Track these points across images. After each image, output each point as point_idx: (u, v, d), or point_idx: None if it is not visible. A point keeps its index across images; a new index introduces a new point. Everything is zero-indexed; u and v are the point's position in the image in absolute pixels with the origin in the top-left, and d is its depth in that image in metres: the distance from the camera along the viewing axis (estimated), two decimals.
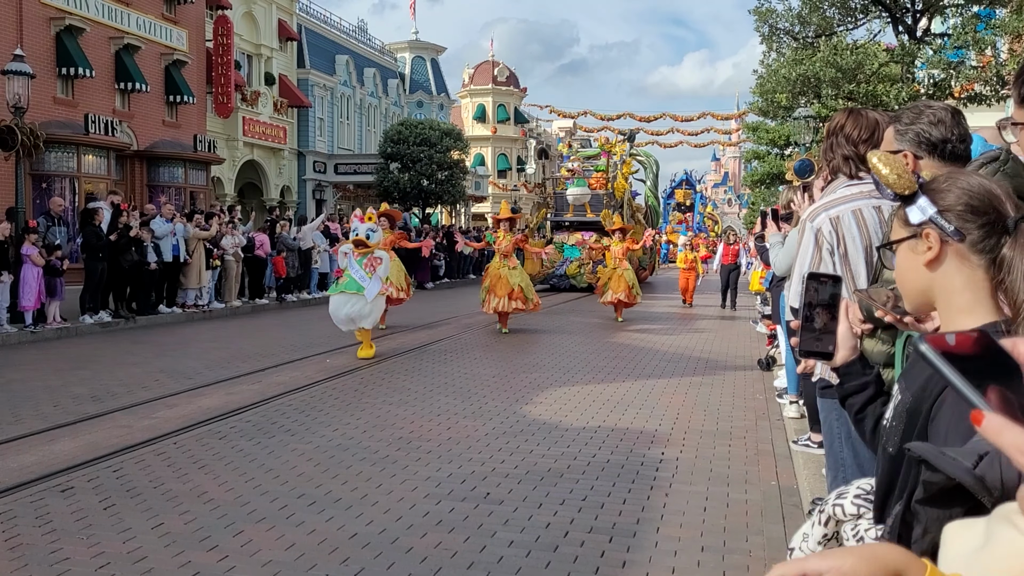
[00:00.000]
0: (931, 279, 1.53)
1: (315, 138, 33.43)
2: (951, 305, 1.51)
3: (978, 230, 1.46)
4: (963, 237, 1.47)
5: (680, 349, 11.96)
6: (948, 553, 0.90)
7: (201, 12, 25.18)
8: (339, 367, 9.91)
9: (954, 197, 1.48)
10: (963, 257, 1.48)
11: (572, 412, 7.53)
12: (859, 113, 3.11)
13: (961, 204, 1.47)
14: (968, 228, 1.47)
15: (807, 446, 6.00)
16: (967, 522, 0.90)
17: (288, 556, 4.09)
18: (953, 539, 0.90)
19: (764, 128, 31.41)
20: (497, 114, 50.15)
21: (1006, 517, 0.83)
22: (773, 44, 23.48)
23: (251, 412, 7.43)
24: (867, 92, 20.63)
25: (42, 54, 18.80)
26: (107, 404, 7.69)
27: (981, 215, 1.46)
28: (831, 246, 3.01)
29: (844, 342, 1.67)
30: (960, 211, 1.47)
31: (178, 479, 5.37)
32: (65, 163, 19.35)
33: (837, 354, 1.67)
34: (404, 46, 44.87)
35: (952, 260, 1.50)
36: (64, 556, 4.06)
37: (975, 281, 1.47)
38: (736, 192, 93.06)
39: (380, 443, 6.32)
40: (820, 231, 3.03)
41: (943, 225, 1.48)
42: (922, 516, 1.23)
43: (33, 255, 12.48)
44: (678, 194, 43.62)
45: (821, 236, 3.02)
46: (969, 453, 1.15)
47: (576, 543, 4.31)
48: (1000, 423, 0.71)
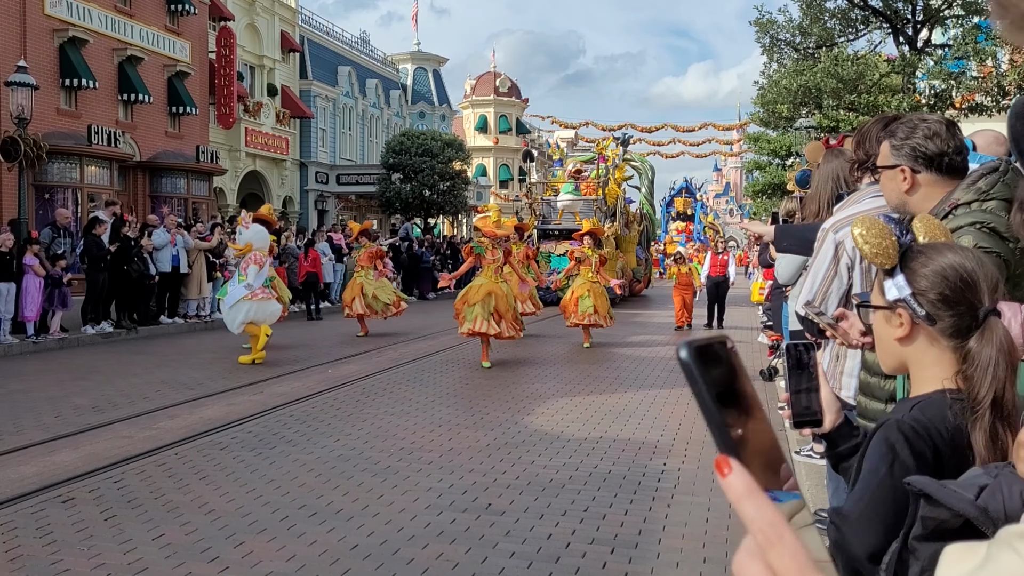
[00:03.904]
0: (903, 350, 1.58)
1: (317, 149, 33.51)
2: (920, 376, 1.56)
3: (950, 318, 1.50)
4: (934, 322, 1.51)
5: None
6: (944, 575, 0.89)
7: (204, 24, 25.28)
8: (340, 378, 9.90)
9: (929, 283, 1.51)
10: (933, 339, 1.53)
11: (573, 423, 7.52)
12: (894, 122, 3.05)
13: (935, 291, 1.50)
14: (940, 315, 1.50)
15: (809, 457, 5.99)
16: (970, 545, 0.89)
17: (289, 567, 4.08)
18: (952, 562, 0.89)
19: (765, 138, 31.45)
20: (499, 125, 50.23)
21: (1007, 541, 0.82)
22: (774, 55, 23.55)
23: (252, 423, 7.42)
24: (868, 103, 20.65)
25: (46, 65, 18.87)
26: (108, 415, 7.68)
27: (954, 305, 1.49)
28: (851, 260, 2.96)
29: (829, 407, 1.63)
30: (934, 298, 1.51)
31: (179, 490, 5.36)
32: (68, 174, 19.38)
33: (824, 419, 1.63)
34: (406, 57, 45.04)
35: (922, 339, 1.55)
36: (65, 567, 4.05)
37: (944, 360, 1.52)
38: (738, 202, 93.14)
39: (381, 454, 6.31)
40: (842, 244, 2.98)
41: (915, 309, 1.52)
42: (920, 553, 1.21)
43: (35, 266, 12.50)
44: (678, 203, 43.49)
45: (842, 249, 2.97)
46: (969, 485, 1.15)
47: (578, 554, 4.30)
48: (743, 487, 0.57)
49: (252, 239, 10.94)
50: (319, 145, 33.76)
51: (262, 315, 10.91)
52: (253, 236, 10.98)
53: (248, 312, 10.70)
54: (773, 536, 0.56)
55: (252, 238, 10.96)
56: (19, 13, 18.70)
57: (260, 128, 28.78)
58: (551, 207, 23.70)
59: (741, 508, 0.57)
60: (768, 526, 0.56)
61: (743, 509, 0.57)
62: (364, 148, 37.90)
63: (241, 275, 10.86)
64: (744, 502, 0.57)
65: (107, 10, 21.23)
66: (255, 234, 11.00)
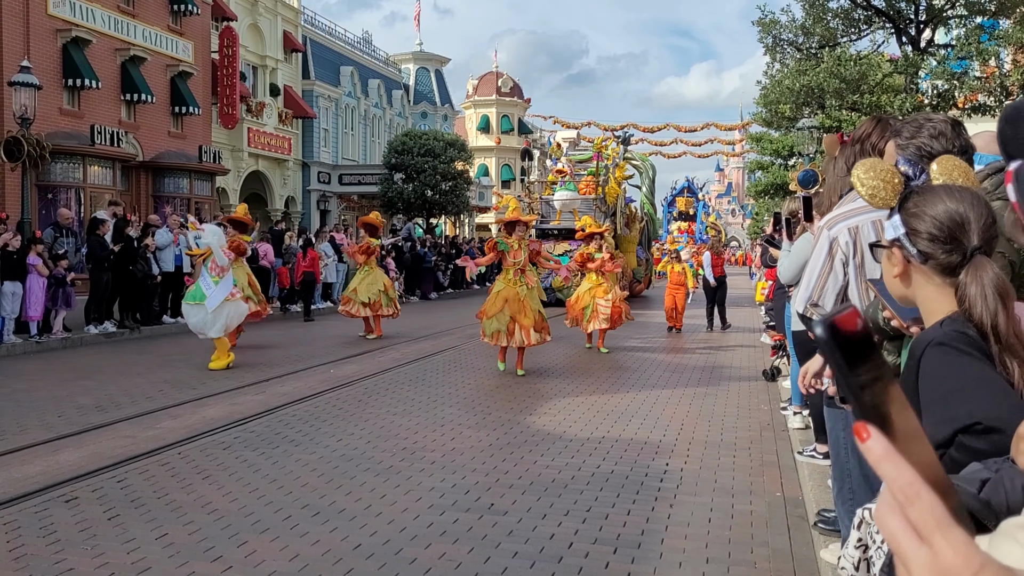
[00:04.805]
0: (905, 287, 1.68)
1: (320, 149, 33.54)
2: (929, 309, 1.65)
3: (942, 255, 1.59)
4: (925, 260, 1.61)
5: (684, 359, 11.94)
6: None
7: (207, 24, 25.32)
8: (343, 377, 9.91)
9: (923, 224, 1.60)
10: (927, 276, 1.62)
11: (576, 423, 7.52)
12: (886, 123, 3.05)
13: (927, 232, 1.60)
14: (932, 253, 1.60)
15: (812, 457, 5.98)
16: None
17: (291, 567, 4.08)
18: None
19: (768, 139, 31.44)
20: (501, 125, 50.26)
21: (1010, 533, 0.82)
22: (777, 55, 23.54)
23: (255, 422, 7.43)
24: (871, 103, 20.65)
25: (49, 65, 18.91)
26: (111, 414, 7.69)
27: (943, 244, 1.58)
28: (846, 256, 2.98)
29: None
30: (926, 238, 1.60)
31: (182, 489, 5.36)
32: (71, 174, 19.44)
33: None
34: (408, 57, 45.08)
35: (918, 277, 1.64)
36: (68, 567, 4.06)
37: (943, 295, 1.61)
38: (740, 203, 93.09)
39: (384, 453, 6.31)
40: (836, 240, 2.99)
41: (908, 247, 1.62)
42: None
43: (38, 265, 12.52)
44: (679, 202, 43.39)
45: (836, 245, 2.99)
46: (971, 479, 1.15)
47: (580, 554, 4.30)
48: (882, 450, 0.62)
49: (211, 242, 10.57)
50: (321, 145, 33.79)
51: (237, 316, 10.68)
52: (211, 239, 10.60)
53: (229, 314, 10.46)
54: (912, 494, 0.60)
55: (211, 241, 10.58)
56: (22, 13, 18.74)
57: (262, 128, 28.82)
58: (550, 206, 23.58)
59: (881, 469, 0.62)
60: (907, 485, 0.61)
61: (883, 470, 0.62)
62: (366, 148, 37.93)
63: (213, 276, 10.49)
64: (884, 464, 0.62)
65: (110, 10, 21.27)
66: (213, 235, 10.61)
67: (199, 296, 10.43)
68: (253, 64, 29.27)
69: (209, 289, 10.40)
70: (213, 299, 10.34)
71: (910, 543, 0.60)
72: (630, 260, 23.07)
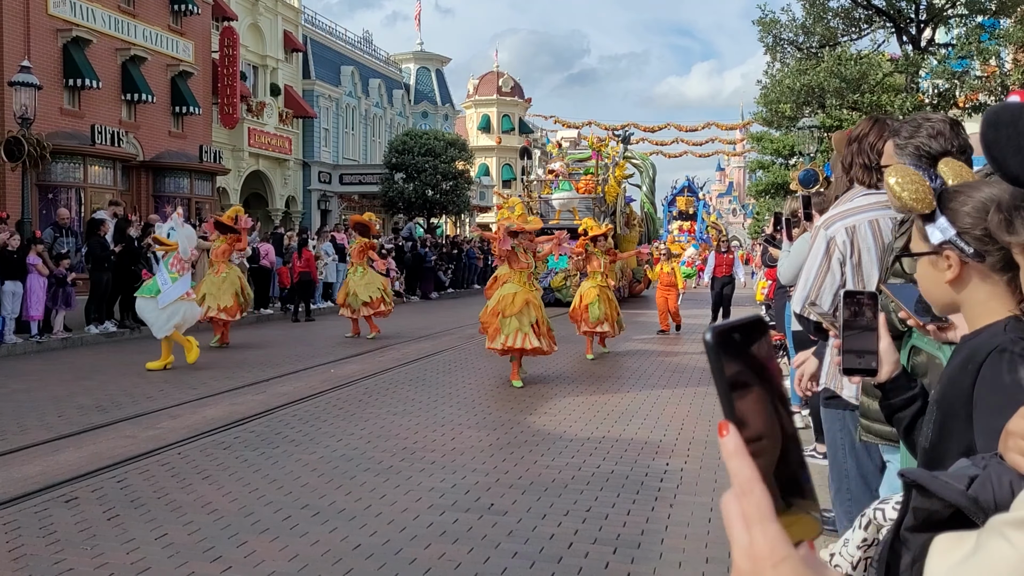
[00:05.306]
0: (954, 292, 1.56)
1: (320, 148, 33.54)
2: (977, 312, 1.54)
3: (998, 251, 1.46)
4: (983, 259, 1.49)
5: (684, 359, 11.94)
6: (934, 563, 0.90)
7: (207, 23, 25.32)
8: (343, 377, 9.91)
9: (973, 220, 1.49)
10: (985, 275, 1.51)
11: (576, 423, 7.52)
12: (884, 123, 3.05)
13: (980, 228, 1.47)
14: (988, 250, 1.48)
15: (812, 457, 5.98)
16: (959, 534, 0.90)
17: (291, 567, 4.09)
18: (943, 551, 0.90)
19: (769, 138, 31.42)
20: (501, 124, 50.26)
21: (997, 529, 0.82)
22: (777, 54, 23.53)
23: (255, 422, 7.43)
24: (871, 102, 20.65)
25: (49, 65, 18.92)
26: (111, 414, 7.70)
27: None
28: (843, 256, 2.98)
29: (887, 357, 1.68)
30: (979, 235, 1.48)
31: (182, 489, 5.37)
32: (71, 174, 19.43)
33: (881, 369, 1.68)
34: (409, 57, 45.07)
35: (973, 277, 1.52)
36: (68, 567, 4.06)
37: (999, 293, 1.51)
38: (741, 202, 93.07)
39: (384, 454, 6.32)
40: (833, 240, 2.99)
41: (963, 248, 1.50)
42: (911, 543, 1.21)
43: (38, 265, 12.53)
44: (680, 202, 43.39)
45: (833, 245, 3.00)
46: (960, 476, 1.15)
47: (580, 554, 4.30)
48: (733, 446, 0.69)
49: (181, 240, 10.47)
50: (322, 145, 33.79)
51: (191, 318, 10.53)
52: (183, 237, 10.51)
53: (184, 314, 10.31)
54: (747, 487, 0.69)
55: (181, 239, 10.48)
56: (23, 13, 18.74)
57: (263, 128, 28.82)
58: (549, 205, 23.50)
59: (729, 463, 0.69)
60: (745, 480, 0.69)
61: (730, 464, 0.69)
62: (367, 148, 37.93)
63: (172, 273, 10.28)
64: (732, 459, 0.69)
65: (110, 10, 21.27)
66: (185, 235, 10.52)
67: (154, 290, 10.27)
68: (254, 64, 29.27)
69: (165, 285, 10.20)
70: (167, 296, 10.15)
71: (737, 528, 0.70)
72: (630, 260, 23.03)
